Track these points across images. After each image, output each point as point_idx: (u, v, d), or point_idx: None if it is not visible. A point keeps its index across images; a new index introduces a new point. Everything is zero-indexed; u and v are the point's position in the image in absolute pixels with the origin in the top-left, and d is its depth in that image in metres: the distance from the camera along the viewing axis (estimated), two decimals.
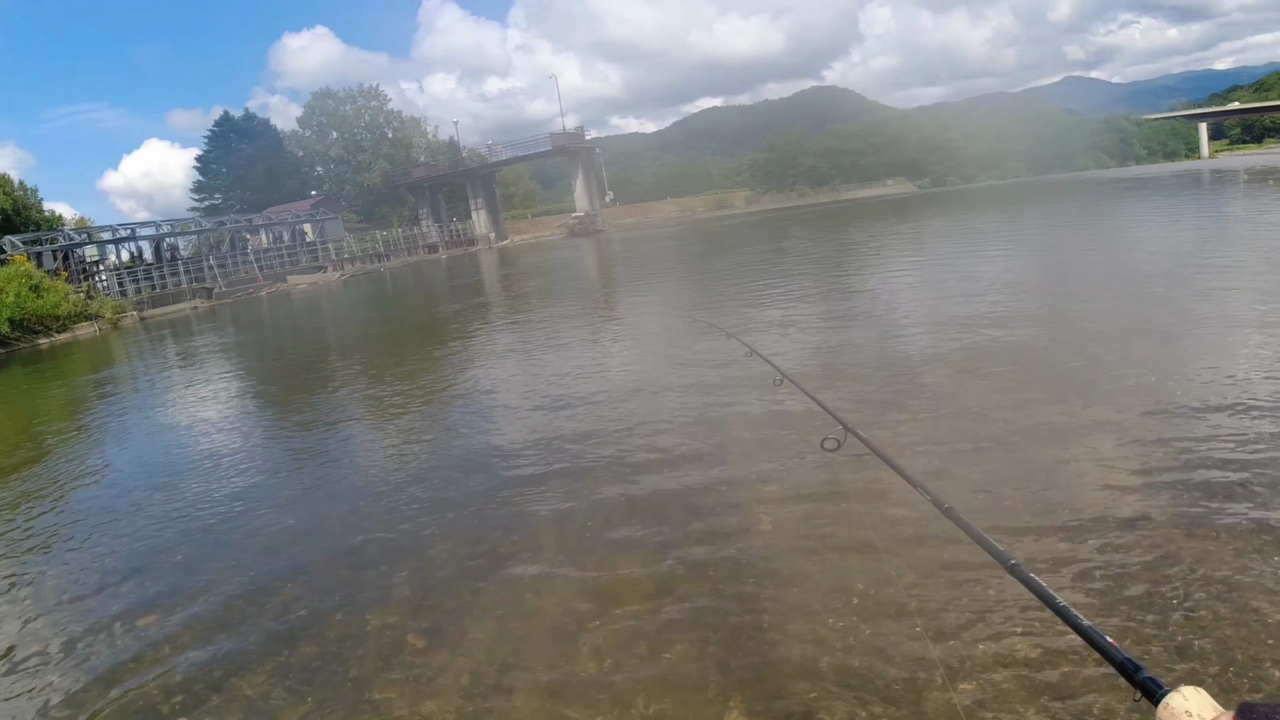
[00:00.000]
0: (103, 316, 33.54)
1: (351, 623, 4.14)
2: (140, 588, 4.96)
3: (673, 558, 4.39)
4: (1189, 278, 11.52)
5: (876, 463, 2.65)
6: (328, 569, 4.86)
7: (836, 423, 3.02)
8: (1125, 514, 4.25)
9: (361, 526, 5.48)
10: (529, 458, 6.54)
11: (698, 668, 3.39)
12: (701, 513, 4.92)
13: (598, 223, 73.90)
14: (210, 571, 5.06)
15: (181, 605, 4.63)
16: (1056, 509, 4.38)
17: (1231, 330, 7.99)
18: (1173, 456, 4.92)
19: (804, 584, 3.93)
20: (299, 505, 6.15)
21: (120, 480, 7.74)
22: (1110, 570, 3.72)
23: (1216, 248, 15.04)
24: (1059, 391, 6.43)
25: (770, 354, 5.91)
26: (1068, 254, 16.90)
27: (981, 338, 8.81)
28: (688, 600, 3.92)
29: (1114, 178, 60.71)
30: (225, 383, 14.36)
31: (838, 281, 16.63)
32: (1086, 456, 5.07)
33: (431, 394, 10.15)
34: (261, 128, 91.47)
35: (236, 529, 5.76)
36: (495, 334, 15.46)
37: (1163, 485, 4.55)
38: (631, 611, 3.88)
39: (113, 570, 5.31)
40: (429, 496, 5.94)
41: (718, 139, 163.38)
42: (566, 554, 4.64)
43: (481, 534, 5.09)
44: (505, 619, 3.97)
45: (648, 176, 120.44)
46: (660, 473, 5.74)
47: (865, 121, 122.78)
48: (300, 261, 53.98)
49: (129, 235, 46.96)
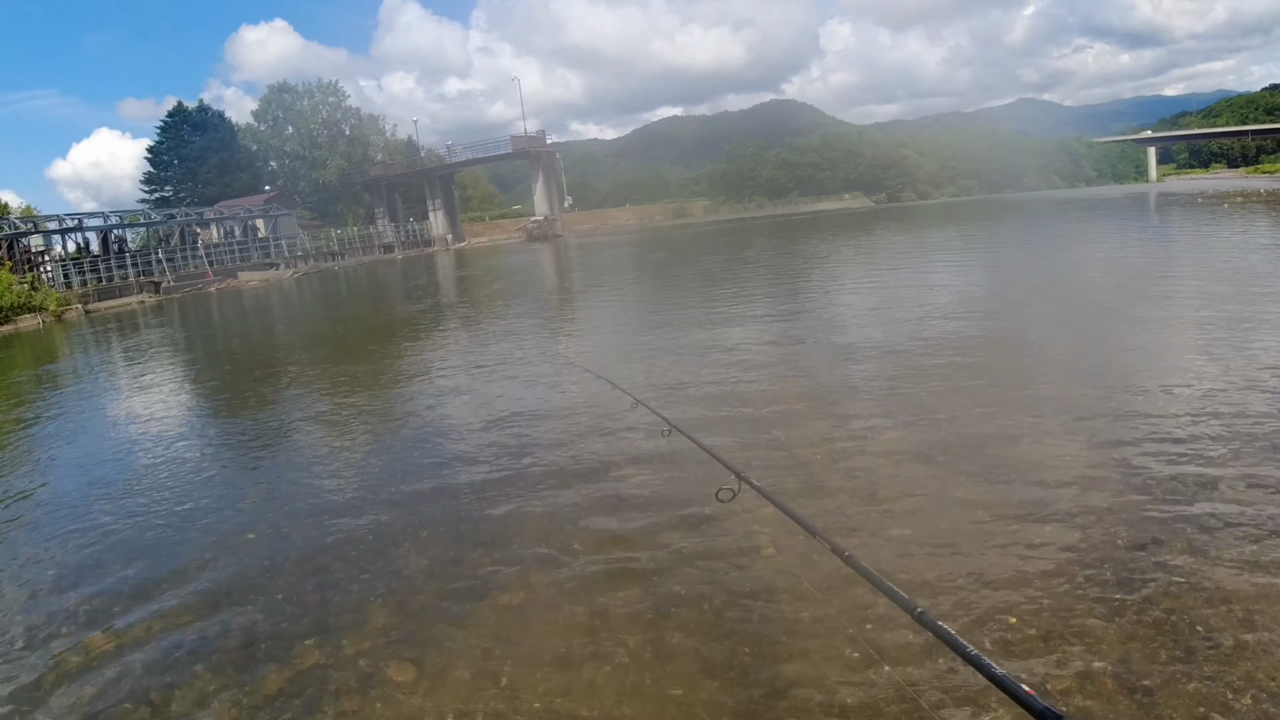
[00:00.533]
0: (46, 309, 32.65)
1: (326, 649, 4.00)
2: (88, 605, 4.70)
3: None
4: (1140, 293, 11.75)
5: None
6: (295, 588, 4.70)
7: (730, 472, 3.00)
8: (1041, 565, 4.26)
9: (326, 542, 5.32)
10: (482, 465, 6.43)
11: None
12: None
13: (556, 227, 73.74)
14: (165, 587, 4.86)
15: (134, 626, 4.39)
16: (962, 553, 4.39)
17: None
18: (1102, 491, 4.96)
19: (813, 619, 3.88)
20: (258, 516, 5.95)
21: (62, 486, 7.45)
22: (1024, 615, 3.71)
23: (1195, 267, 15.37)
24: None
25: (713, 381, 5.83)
26: (1028, 272, 17.15)
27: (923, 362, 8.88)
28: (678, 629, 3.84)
29: (1067, 198, 61.87)
30: (172, 382, 14.00)
31: (792, 295, 16.70)
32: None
33: (380, 398, 9.99)
34: (216, 120, 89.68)
35: (191, 543, 5.52)
36: (446, 343, 15.28)
37: (1077, 523, 4.58)
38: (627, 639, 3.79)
39: (54, 586, 5.03)
40: (388, 500, 5.81)
41: (677, 148, 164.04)
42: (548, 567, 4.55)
43: (458, 547, 4.98)
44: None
45: (606, 183, 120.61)
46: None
47: (823, 136, 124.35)
48: (252, 258, 53.09)
49: (76, 226, 45.87)
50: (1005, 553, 4.22)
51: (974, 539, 4.40)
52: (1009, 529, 4.49)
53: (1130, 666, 3.16)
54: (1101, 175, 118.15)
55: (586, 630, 3.86)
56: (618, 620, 3.93)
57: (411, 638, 3.98)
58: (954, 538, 4.44)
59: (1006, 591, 3.81)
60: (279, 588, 4.70)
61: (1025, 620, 3.55)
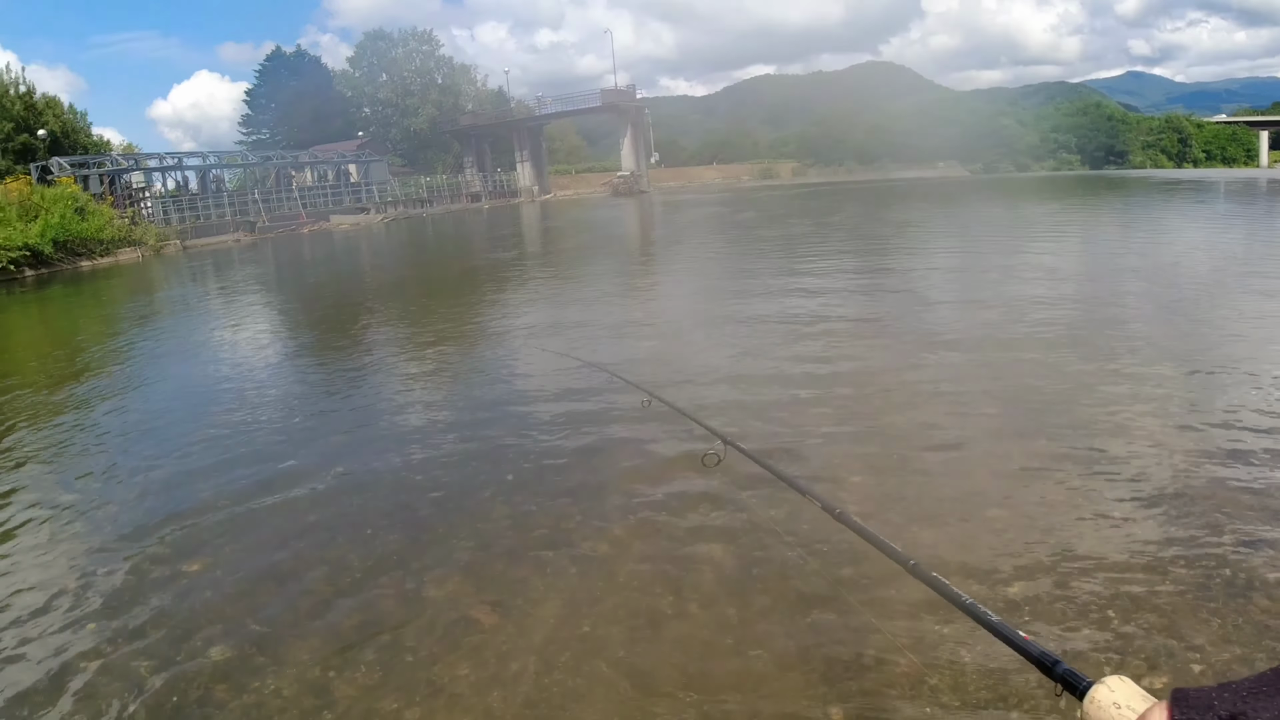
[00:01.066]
0: (146, 243, 33.68)
1: (409, 591, 3.87)
2: (180, 535, 4.70)
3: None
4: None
5: None
6: (384, 529, 4.59)
7: (715, 437, 2.94)
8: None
9: (414, 482, 5.21)
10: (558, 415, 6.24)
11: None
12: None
13: (642, 183, 73.20)
14: (260, 520, 4.81)
15: (226, 557, 4.38)
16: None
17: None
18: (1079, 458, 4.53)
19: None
20: (348, 453, 5.88)
21: (159, 420, 7.52)
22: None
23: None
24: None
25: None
26: (1130, 254, 16.26)
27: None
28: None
29: (1173, 178, 59.03)
30: (267, 317, 14.21)
31: (880, 266, 16.12)
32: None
33: (462, 342, 9.90)
34: (312, 65, 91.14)
35: (283, 477, 5.48)
36: (532, 288, 15.16)
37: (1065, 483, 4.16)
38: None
39: (148, 515, 5.05)
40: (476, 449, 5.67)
41: (767, 108, 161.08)
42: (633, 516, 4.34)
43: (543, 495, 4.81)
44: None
45: (693, 140, 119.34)
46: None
47: (919, 101, 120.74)
48: (343, 201, 53.92)
49: (175, 164, 47.10)
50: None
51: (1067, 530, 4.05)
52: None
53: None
54: (1210, 157, 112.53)
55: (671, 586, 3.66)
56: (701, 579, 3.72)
57: (496, 581, 3.84)
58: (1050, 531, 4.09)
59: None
60: (367, 523, 4.60)
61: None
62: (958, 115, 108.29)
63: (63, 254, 29.18)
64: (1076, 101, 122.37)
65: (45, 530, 4.88)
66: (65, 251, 29.38)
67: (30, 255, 27.40)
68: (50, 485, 5.70)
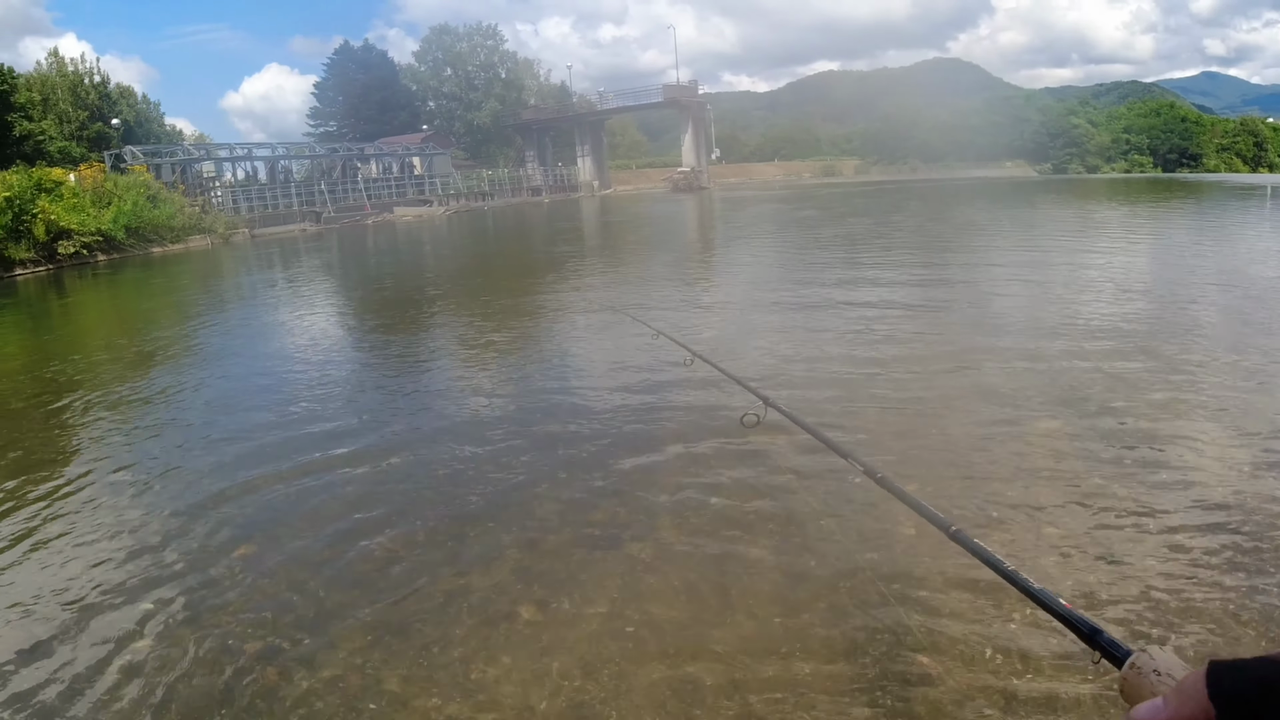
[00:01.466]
0: (215, 231, 34.43)
1: (458, 582, 3.84)
2: (240, 515, 4.77)
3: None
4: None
5: None
6: (432, 523, 4.56)
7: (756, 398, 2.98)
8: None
9: (467, 476, 5.17)
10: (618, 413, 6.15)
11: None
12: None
13: (703, 179, 72.91)
14: (312, 505, 4.84)
15: (278, 540, 4.43)
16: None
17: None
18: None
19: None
20: (401, 445, 5.87)
21: (221, 404, 7.62)
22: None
23: None
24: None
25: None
26: (1204, 265, 15.65)
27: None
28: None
29: (1249, 183, 57.05)
30: (331, 307, 14.39)
31: (941, 268, 15.74)
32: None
33: (522, 340, 9.87)
34: (378, 59, 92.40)
35: (339, 465, 5.53)
36: (590, 285, 15.10)
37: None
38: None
39: (209, 497, 5.13)
40: (528, 445, 5.62)
41: (829, 104, 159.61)
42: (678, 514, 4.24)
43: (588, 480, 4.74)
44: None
45: (755, 136, 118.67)
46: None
47: (987, 98, 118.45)
48: (407, 194, 54.57)
49: (245, 155, 48.06)
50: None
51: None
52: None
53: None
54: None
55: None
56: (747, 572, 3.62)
57: (543, 577, 3.81)
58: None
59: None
60: (418, 515, 4.57)
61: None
62: (1027, 114, 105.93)
63: (135, 240, 29.95)
64: (1149, 102, 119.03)
65: (110, 503, 4.97)
66: (137, 238, 30.15)
67: (103, 240, 28.18)
68: (120, 459, 5.81)
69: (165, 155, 41.29)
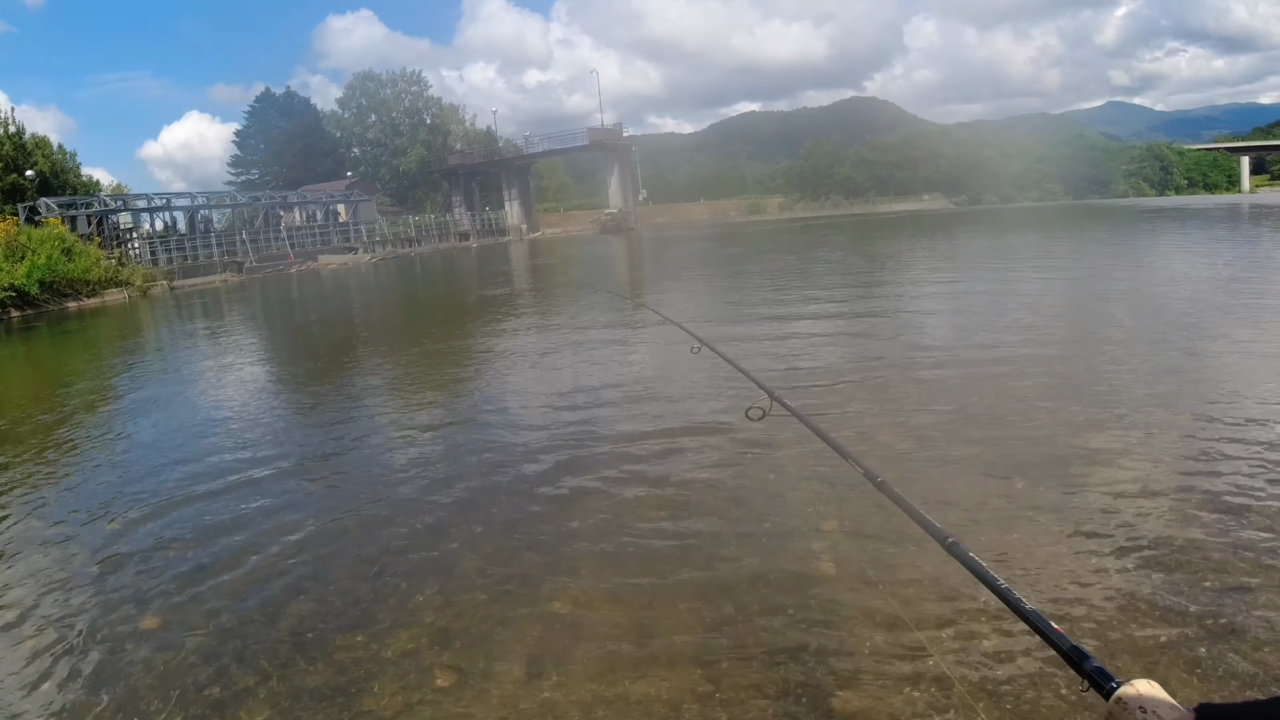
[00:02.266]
0: (133, 284, 33.61)
1: (371, 645, 3.76)
2: (143, 582, 4.61)
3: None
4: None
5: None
6: (347, 581, 4.50)
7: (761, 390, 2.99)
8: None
9: (382, 535, 5.11)
10: (544, 459, 6.17)
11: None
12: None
13: (630, 220, 73.64)
14: (221, 569, 4.71)
15: (182, 609, 4.27)
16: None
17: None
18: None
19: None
20: (315, 504, 5.78)
21: (131, 458, 7.43)
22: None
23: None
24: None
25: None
26: (1115, 283, 16.30)
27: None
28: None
29: (1156, 206, 59.50)
30: (249, 360, 14.10)
31: (865, 297, 16.15)
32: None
33: (447, 386, 9.84)
34: (301, 106, 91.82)
35: (249, 525, 5.38)
36: (517, 328, 15.13)
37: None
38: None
39: (114, 558, 4.94)
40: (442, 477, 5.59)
41: (753, 143, 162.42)
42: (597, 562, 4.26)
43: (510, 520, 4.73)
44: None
45: (681, 176, 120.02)
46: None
47: (904, 134, 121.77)
48: (332, 241, 54.03)
49: (164, 205, 47.11)
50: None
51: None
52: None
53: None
54: (1192, 184, 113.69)
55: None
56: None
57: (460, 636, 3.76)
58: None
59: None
60: (333, 578, 4.51)
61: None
62: (942, 148, 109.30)
63: (49, 295, 29.10)
64: (1058, 132, 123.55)
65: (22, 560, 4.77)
66: (52, 292, 29.31)
67: (16, 296, 27.35)
68: (32, 519, 5.60)
69: (81, 207, 40.27)
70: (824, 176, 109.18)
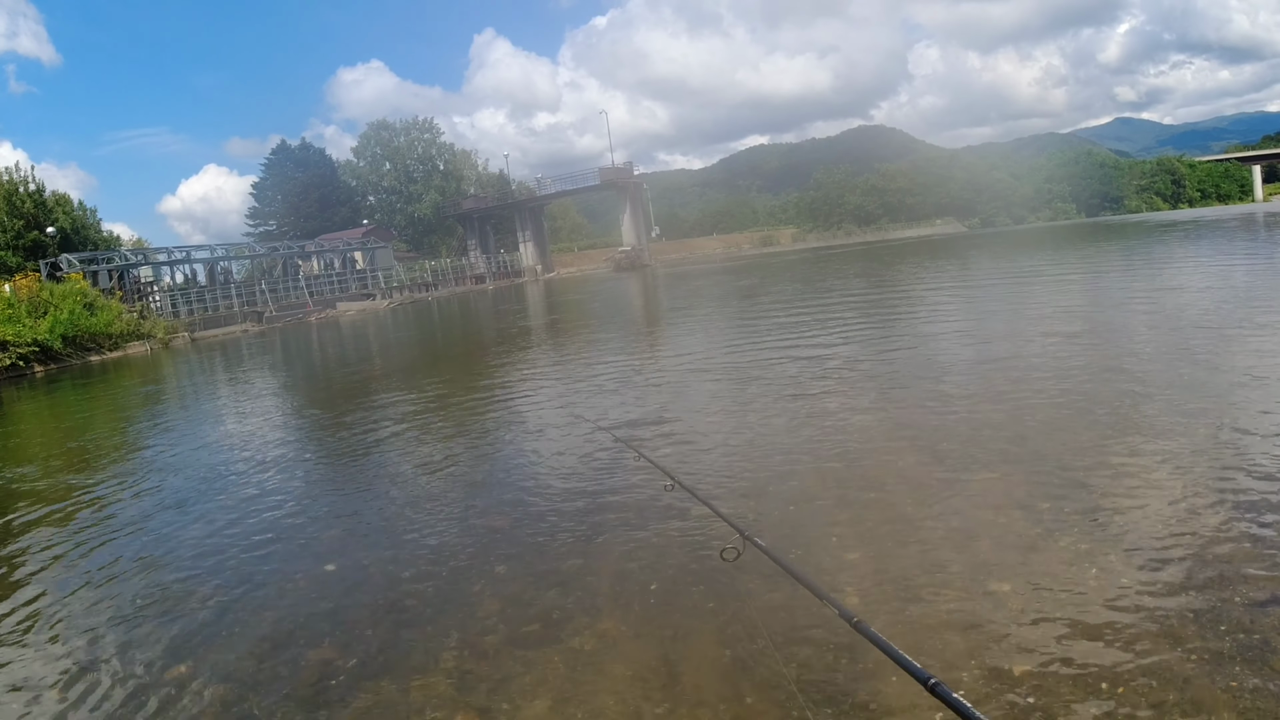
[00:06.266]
0: (154, 336, 34.02)
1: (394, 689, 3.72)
2: (162, 631, 4.60)
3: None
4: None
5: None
6: (370, 625, 4.47)
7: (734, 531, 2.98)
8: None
9: (403, 578, 5.08)
10: (570, 501, 6.15)
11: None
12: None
13: (644, 257, 73.97)
14: (243, 616, 4.70)
15: (208, 657, 4.22)
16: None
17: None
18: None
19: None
20: (338, 550, 5.77)
21: (150, 507, 7.45)
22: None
23: None
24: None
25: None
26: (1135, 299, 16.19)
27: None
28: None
29: (1170, 220, 59.13)
30: (270, 408, 14.20)
31: (881, 325, 16.12)
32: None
33: (465, 428, 9.84)
34: (316, 157, 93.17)
35: (272, 571, 5.37)
36: (537, 372, 15.16)
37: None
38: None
39: (133, 610, 4.94)
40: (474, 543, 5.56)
41: (763, 176, 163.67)
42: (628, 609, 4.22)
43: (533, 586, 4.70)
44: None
45: (693, 212, 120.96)
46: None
47: (912, 160, 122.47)
48: (350, 289, 54.55)
49: (184, 258, 47.83)
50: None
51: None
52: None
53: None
54: (1205, 196, 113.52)
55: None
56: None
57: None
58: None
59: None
60: (353, 622, 4.48)
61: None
62: (951, 173, 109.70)
63: (72, 349, 29.47)
64: (1067, 151, 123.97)
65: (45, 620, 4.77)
66: (74, 347, 29.68)
67: (39, 351, 27.71)
68: (54, 576, 5.61)
69: (102, 262, 40.97)
70: (835, 206, 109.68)
